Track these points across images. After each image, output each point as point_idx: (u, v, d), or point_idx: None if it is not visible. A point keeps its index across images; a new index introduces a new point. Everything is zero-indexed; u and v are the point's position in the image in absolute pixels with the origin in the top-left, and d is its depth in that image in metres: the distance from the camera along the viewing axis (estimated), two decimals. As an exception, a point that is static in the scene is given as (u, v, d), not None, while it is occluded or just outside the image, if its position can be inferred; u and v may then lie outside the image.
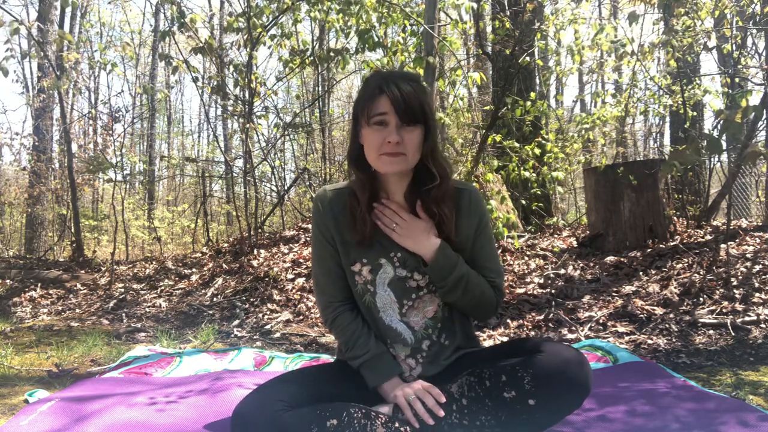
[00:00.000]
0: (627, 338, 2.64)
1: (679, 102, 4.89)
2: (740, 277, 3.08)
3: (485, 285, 1.45)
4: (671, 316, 2.79)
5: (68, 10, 8.96)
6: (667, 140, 8.87)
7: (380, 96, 1.34)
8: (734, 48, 4.59)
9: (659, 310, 2.88)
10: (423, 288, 1.45)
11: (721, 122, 2.02)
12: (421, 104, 1.34)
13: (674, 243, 3.82)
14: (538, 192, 5.30)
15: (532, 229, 5.30)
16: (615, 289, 3.26)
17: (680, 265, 3.41)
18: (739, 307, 2.77)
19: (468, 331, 1.52)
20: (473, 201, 1.47)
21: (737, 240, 3.70)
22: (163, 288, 4.39)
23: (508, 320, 3.02)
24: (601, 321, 2.87)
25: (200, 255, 5.44)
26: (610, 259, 3.78)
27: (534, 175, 4.40)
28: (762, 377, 1.99)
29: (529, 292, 3.37)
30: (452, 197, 1.44)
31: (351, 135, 1.45)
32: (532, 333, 2.86)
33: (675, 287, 3.12)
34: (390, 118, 1.33)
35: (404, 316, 1.45)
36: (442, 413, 1.28)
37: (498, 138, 4.42)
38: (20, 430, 1.52)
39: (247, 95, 4.91)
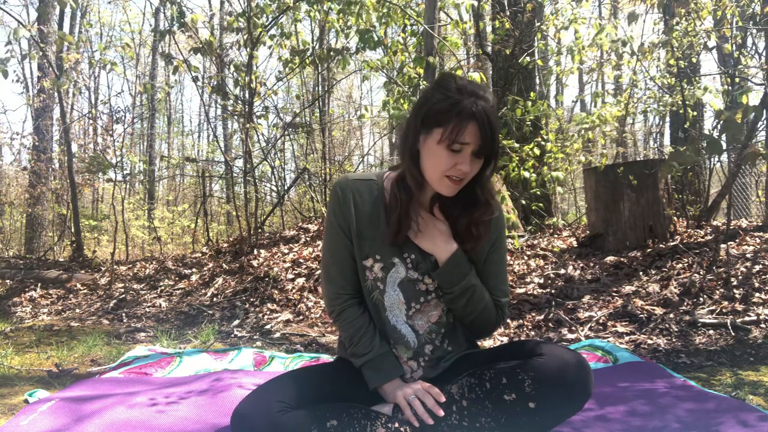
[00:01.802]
0: (627, 338, 2.64)
1: (679, 102, 4.89)
2: (740, 277, 3.08)
3: (489, 302, 1.44)
4: (671, 316, 2.79)
5: (68, 10, 8.96)
6: (667, 140, 8.88)
7: (471, 122, 1.25)
8: (734, 48, 4.59)
9: (659, 310, 2.88)
10: (431, 292, 1.44)
11: (721, 122, 2.02)
12: (498, 138, 1.31)
13: (674, 243, 3.82)
14: (538, 192, 5.30)
15: (532, 229, 5.30)
16: (615, 289, 3.26)
17: (680, 265, 3.41)
18: (739, 307, 2.77)
19: (471, 338, 1.52)
20: (495, 217, 1.44)
21: (737, 240, 3.70)
22: (163, 288, 4.39)
23: (508, 320, 3.02)
24: (601, 321, 2.87)
25: (200, 255, 5.44)
26: (610, 259, 3.78)
27: (534, 175, 4.40)
28: (762, 377, 1.99)
29: (529, 292, 3.37)
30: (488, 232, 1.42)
31: (411, 132, 1.35)
32: (532, 333, 2.86)
33: (675, 287, 3.12)
34: (467, 147, 1.27)
35: (410, 319, 1.44)
36: (441, 413, 1.27)
37: (498, 138, 4.41)
38: (20, 430, 1.52)
39: (247, 95, 4.91)
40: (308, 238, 5.03)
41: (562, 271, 3.68)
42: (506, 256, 1.51)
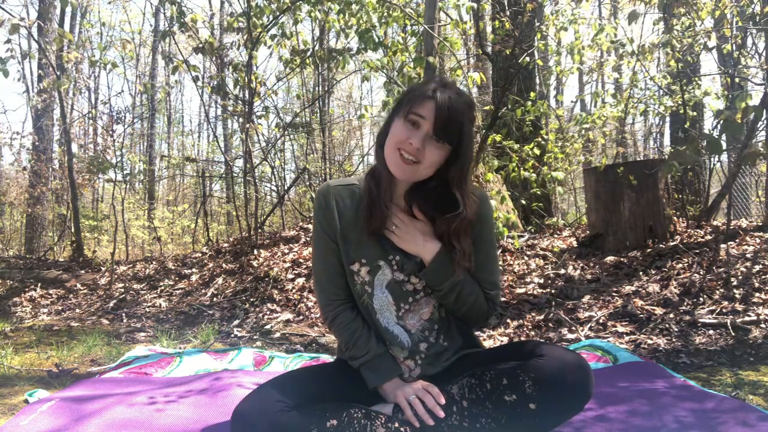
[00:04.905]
0: (627, 338, 2.64)
1: (679, 102, 4.89)
2: (740, 277, 3.08)
3: (480, 294, 1.44)
4: (671, 316, 2.79)
5: (68, 9, 8.96)
6: (667, 140, 8.88)
7: (429, 100, 1.31)
8: (734, 48, 4.59)
9: (659, 310, 2.88)
10: (420, 291, 1.44)
11: (721, 122, 2.02)
12: (461, 127, 1.31)
13: (674, 243, 3.82)
14: (538, 192, 5.30)
15: (532, 229, 5.30)
16: (615, 289, 3.26)
17: (680, 265, 3.41)
18: (739, 307, 2.77)
19: (466, 331, 1.52)
20: (481, 209, 1.44)
21: (737, 240, 3.70)
22: (163, 288, 4.39)
23: (508, 320, 3.02)
24: (601, 321, 2.87)
25: (200, 255, 5.44)
26: (610, 259, 3.78)
27: (534, 175, 4.40)
28: (762, 377, 1.99)
29: (529, 292, 3.37)
30: (471, 226, 1.41)
31: (387, 122, 1.42)
32: (532, 333, 2.86)
33: (675, 287, 3.12)
34: (425, 124, 1.31)
35: (401, 319, 1.44)
36: (441, 414, 1.27)
37: (498, 138, 4.42)
38: (20, 430, 1.52)
39: (247, 95, 4.91)
40: (308, 238, 5.03)
41: (562, 271, 3.68)
42: (494, 248, 1.51)
